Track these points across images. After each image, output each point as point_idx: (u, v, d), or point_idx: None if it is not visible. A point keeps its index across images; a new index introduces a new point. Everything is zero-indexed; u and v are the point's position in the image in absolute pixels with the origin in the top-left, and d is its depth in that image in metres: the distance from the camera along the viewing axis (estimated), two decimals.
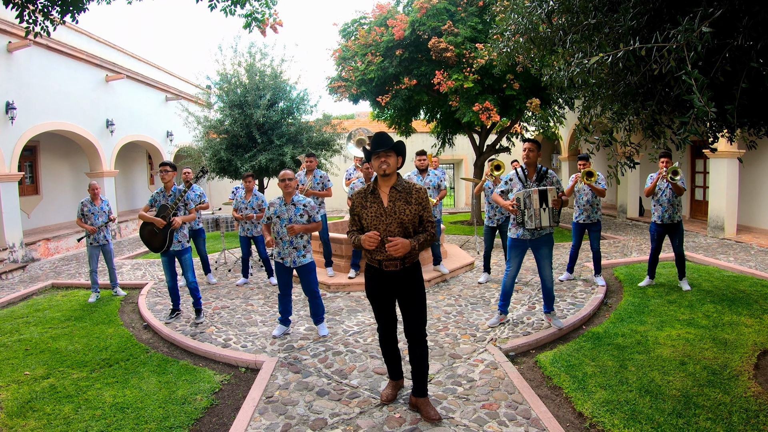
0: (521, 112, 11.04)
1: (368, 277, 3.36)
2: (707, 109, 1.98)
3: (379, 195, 3.20)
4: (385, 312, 3.37)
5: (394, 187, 3.19)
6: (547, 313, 4.90)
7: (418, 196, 3.20)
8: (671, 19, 2.57)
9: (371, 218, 3.18)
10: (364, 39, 11.14)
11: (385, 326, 3.42)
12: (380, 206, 3.17)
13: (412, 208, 3.16)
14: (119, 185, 15.14)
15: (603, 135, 3.35)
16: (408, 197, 3.17)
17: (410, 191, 3.20)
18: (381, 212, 3.16)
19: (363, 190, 3.29)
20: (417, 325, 3.27)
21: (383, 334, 3.47)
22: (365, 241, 3.08)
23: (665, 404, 3.33)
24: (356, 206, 3.29)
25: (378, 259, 3.21)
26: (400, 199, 3.17)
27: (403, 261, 3.18)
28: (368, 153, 3.23)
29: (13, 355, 4.65)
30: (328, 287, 6.57)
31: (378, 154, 3.14)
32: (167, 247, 5.26)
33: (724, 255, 8.14)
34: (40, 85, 10.24)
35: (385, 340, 3.48)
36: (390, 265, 3.18)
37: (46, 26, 4.14)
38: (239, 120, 11.39)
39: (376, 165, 3.17)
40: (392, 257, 3.14)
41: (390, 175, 3.17)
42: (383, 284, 3.26)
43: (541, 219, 4.45)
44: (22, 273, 9.01)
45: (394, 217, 3.14)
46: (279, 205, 4.76)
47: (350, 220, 3.37)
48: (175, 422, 3.36)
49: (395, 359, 3.54)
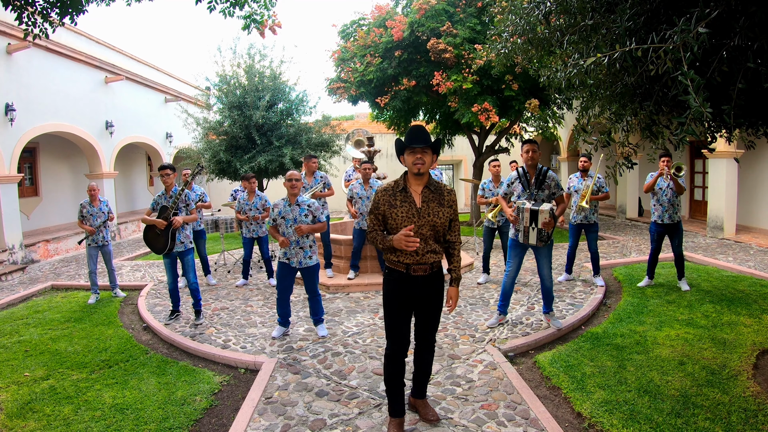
0: (520, 112, 11.05)
1: (389, 283, 3.01)
2: (703, 109, 1.99)
3: (411, 194, 2.93)
4: (403, 327, 3.01)
5: (428, 187, 2.96)
6: (546, 314, 4.90)
7: (450, 198, 3.00)
8: (668, 20, 2.58)
9: (401, 219, 2.89)
10: (363, 40, 11.15)
11: (398, 345, 3.02)
12: (412, 206, 2.90)
13: (445, 210, 2.95)
14: (119, 187, 15.14)
15: (601, 136, 3.36)
16: (441, 199, 2.96)
17: (442, 192, 2.99)
18: (413, 213, 2.89)
19: (391, 186, 3.00)
20: (431, 330, 3.11)
21: (395, 354, 3.03)
22: (402, 241, 2.77)
23: (664, 404, 3.33)
24: (382, 204, 2.96)
25: (406, 263, 2.92)
26: (433, 200, 2.93)
27: (432, 266, 2.96)
28: (402, 146, 2.95)
29: (12, 356, 4.66)
30: (328, 288, 6.57)
31: (414, 149, 2.87)
32: (170, 248, 5.27)
33: (723, 255, 8.15)
34: (39, 86, 10.25)
35: (393, 362, 3.04)
36: (419, 269, 2.92)
37: (45, 28, 4.14)
38: (238, 121, 11.41)
39: (409, 161, 2.89)
40: (422, 262, 2.91)
41: (424, 174, 2.92)
42: (407, 291, 2.97)
43: (529, 237, 4.52)
44: (22, 274, 9.01)
45: (427, 219, 2.89)
46: (284, 206, 4.77)
47: (370, 219, 3.05)
48: (174, 423, 3.36)
49: (400, 388, 3.10)
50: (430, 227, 2.90)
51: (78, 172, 13.57)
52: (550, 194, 4.60)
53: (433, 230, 2.92)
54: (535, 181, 4.61)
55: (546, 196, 4.58)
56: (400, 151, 2.98)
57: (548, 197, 4.59)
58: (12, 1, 3.84)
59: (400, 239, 2.78)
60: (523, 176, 4.68)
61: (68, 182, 13.45)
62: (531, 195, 4.59)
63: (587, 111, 3.54)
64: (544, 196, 4.58)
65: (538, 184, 4.60)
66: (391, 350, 3.04)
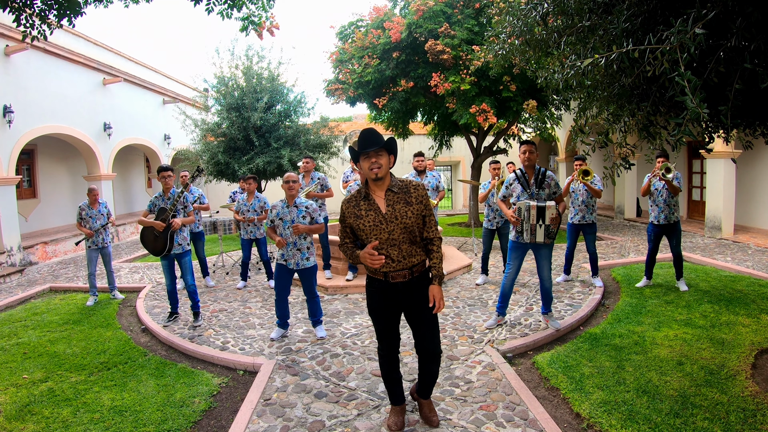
0: (518, 113, 11.08)
1: (371, 292, 2.98)
2: (699, 110, 2.00)
3: (374, 200, 2.83)
4: (390, 330, 3.01)
5: (390, 189, 2.84)
6: (545, 314, 4.91)
7: (417, 194, 2.86)
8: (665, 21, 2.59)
9: (369, 228, 2.79)
10: (360, 41, 11.16)
11: (389, 346, 3.05)
12: (378, 213, 2.80)
13: (414, 208, 2.82)
14: (117, 188, 15.14)
15: (599, 136, 3.37)
16: (407, 197, 2.83)
17: (408, 190, 2.86)
18: (380, 220, 2.78)
19: (353, 197, 2.91)
20: (431, 339, 2.97)
21: (387, 354, 3.07)
22: (367, 259, 2.72)
23: (663, 404, 3.33)
24: (348, 216, 2.89)
25: (384, 271, 2.84)
26: (399, 201, 2.81)
27: (412, 270, 2.84)
28: (356, 153, 2.84)
29: (11, 358, 4.64)
30: (326, 290, 6.57)
31: (368, 154, 2.76)
32: (168, 250, 5.27)
33: (721, 255, 8.16)
34: (37, 88, 10.24)
35: (387, 362, 3.09)
36: (398, 276, 2.83)
37: (43, 30, 4.14)
38: (236, 123, 11.41)
39: (365, 167, 2.79)
40: (399, 268, 2.81)
41: (383, 178, 2.80)
42: (389, 298, 2.90)
43: (536, 234, 4.51)
44: (20, 276, 8.99)
45: (395, 223, 2.77)
46: (281, 208, 4.77)
47: (341, 232, 2.99)
48: (173, 425, 3.35)
49: (398, 382, 3.16)
50: (401, 230, 2.78)
51: (76, 174, 13.55)
52: (551, 193, 4.61)
53: (405, 232, 2.80)
54: (534, 180, 4.62)
55: (546, 195, 4.60)
56: (356, 159, 2.87)
57: (548, 197, 4.60)
58: (10, 3, 3.84)
59: (365, 256, 2.73)
60: (521, 177, 4.69)
61: (66, 184, 13.44)
62: (532, 194, 4.60)
63: (585, 112, 3.55)
64: (545, 195, 4.59)
65: (538, 183, 4.61)
66: (383, 350, 3.08)
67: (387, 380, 3.15)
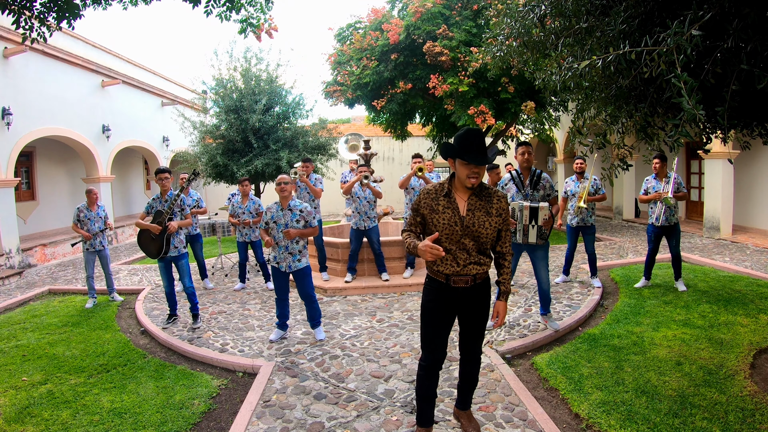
0: (516, 115, 11.09)
1: (429, 290, 2.84)
2: (696, 112, 2.01)
3: (455, 200, 2.69)
4: (439, 337, 2.83)
5: (475, 194, 2.69)
6: (544, 315, 4.92)
7: (499, 206, 2.71)
8: (661, 22, 2.60)
9: (442, 226, 2.66)
10: (359, 43, 11.18)
11: (434, 358, 2.85)
12: (455, 214, 2.66)
13: (493, 220, 2.68)
14: (116, 191, 15.12)
15: (597, 137, 3.38)
16: (489, 207, 2.69)
17: (491, 199, 2.71)
18: (455, 221, 2.65)
19: (434, 189, 2.77)
20: (476, 342, 2.91)
21: (430, 366, 2.86)
22: (426, 252, 2.52)
23: (661, 404, 3.34)
24: (423, 207, 2.75)
25: (446, 273, 2.72)
26: (480, 209, 2.67)
27: (475, 278, 2.73)
28: (455, 153, 2.61)
29: (10, 361, 4.64)
30: (325, 291, 6.57)
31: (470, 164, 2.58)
32: (164, 252, 5.27)
33: (719, 255, 8.18)
34: (36, 90, 10.24)
35: (428, 376, 2.87)
36: (460, 281, 2.70)
37: (43, 32, 4.15)
38: (235, 125, 11.41)
39: (463, 173, 2.60)
40: (463, 273, 2.69)
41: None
42: (448, 302, 2.78)
43: (529, 235, 4.53)
44: (19, 279, 8.98)
45: (470, 230, 2.65)
46: (276, 211, 4.78)
47: (409, 218, 2.86)
48: (172, 427, 3.35)
49: (432, 401, 2.96)
50: (472, 239, 2.66)
51: (75, 176, 13.54)
52: (545, 195, 4.62)
53: (476, 242, 2.67)
54: (530, 182, 4.63)
55: (541, 196, 4.61)
56: (450, 156, 2.68)
57: (543, 198, 4.61)
58: (9, 5, 3.85)
59: (425, 249, 2.52)
60: (516, 177, 4.71)
61: (65, 186, 13.42)
62: (526, 195, 4.62)
63: (583, 113, 3.57)
64: (539, 196, 4.60)
65: (533, 184, 4.62)
66: (425, 361, 2.87)
67: (422, 398, 2.93)
